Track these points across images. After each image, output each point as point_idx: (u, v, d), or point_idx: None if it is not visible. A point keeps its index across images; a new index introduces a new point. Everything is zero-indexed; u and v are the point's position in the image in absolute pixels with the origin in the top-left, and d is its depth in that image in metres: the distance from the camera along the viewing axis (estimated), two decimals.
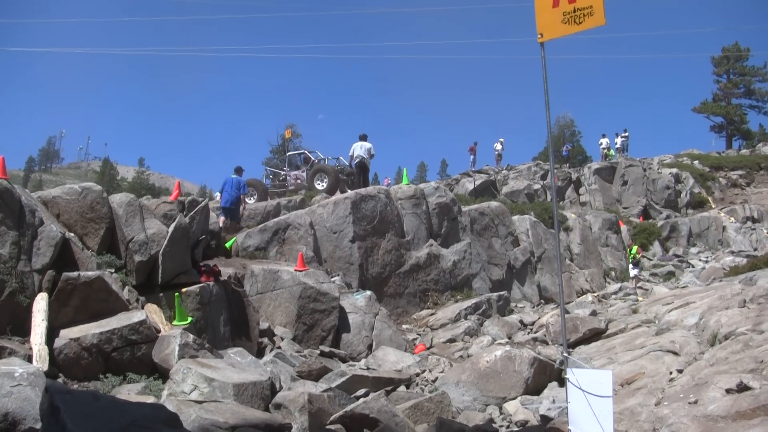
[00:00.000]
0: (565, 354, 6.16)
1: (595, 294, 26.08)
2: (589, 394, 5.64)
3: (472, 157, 48.41)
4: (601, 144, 49.14)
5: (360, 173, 26.71)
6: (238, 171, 22.31)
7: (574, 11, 6.42)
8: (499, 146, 49.96)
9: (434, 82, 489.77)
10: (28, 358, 10.18)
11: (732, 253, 33.15)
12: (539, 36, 6.71)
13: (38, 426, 6.59)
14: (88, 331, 11.33)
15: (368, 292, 18.64)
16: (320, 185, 28.75)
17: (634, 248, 28.43)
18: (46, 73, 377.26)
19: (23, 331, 11.06)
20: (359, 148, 26.45)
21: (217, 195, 28.35)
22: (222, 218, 21.11)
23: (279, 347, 15.17)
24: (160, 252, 13.82)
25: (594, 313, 18.65)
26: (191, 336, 11.95)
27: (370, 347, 16.78)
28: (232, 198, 21.11)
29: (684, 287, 23.71)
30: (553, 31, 6.62)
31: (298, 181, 31.49)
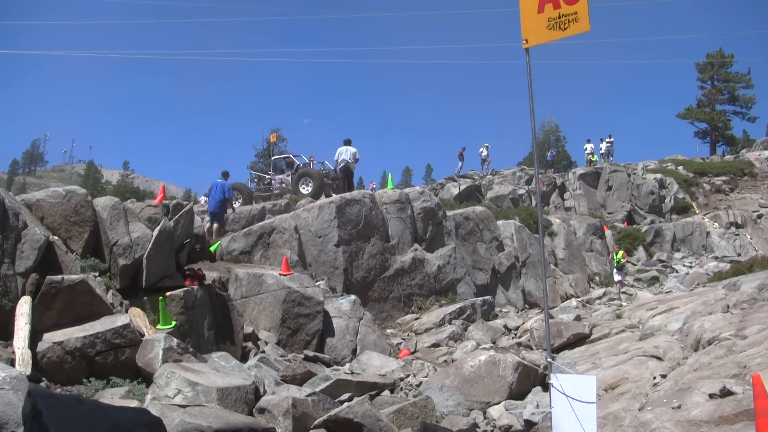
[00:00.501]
0: (549, 359, 6.17)
1: (580, 299, 26.13)
2: (572, 399, 5.65)
3: (460, 163, 48.45)
4: (586, 149, 49.25)
5: (345, 177, 26.79)
6: (225, 175, 22.41)
7: (559, 17, 6.45)
8: (484, 151, 49.96)
9: (419, 86, 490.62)
10: (11, 362, 10.14)
11: (716, 258, 33.27)
12: (524, 42, 6.73)
13: (20, 430, 6.56)
14: (72, 334, 11.29)
15: (353, 297, 18.65)
16: (305, 189, 28.77)
17: (620, 253, 28.42)
18: (30, 75, 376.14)
19: (6, 334, 11.02)
20: (345, 153, 26.56)
21: (202, 199, 28.29)
22: (208, 224, 21.10)
23: (263, 351, 15.15)
24: (145, 255, 13.80)
25: (578, 318, 18.71)
26: (175, 340, 11.93)
27: (354, 352, 16.78)
28: (218, 202, 21.12)
29: (668, 292, 23.79)
30: (538, 37, 6.65)
31: (283, 185, 31.46)
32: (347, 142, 26.82)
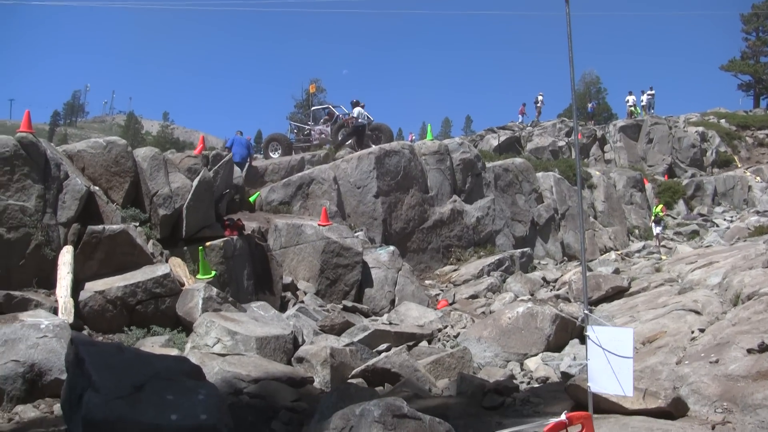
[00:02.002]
0: (586, 311, 6.15)
1: (619, 252, 25.97)
2: (608, 352, 5.63)
3: (521, 117, 48.59)
4: (628, 101, 48.63)
5: (359, 136, 27.12)
6: (240, 133, 23.00)
7: None
8: (540, 98, 49.99)
9: (459, 37, 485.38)
10: (54, 311, 10.33)
11: (757, 212, 32.77)
12: None
13: (63, 377, 6.68)
14: (113, 284, 11.46)
15: (391, 248, 18.71)
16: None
17: (659, 206, 28.19)
18: (70, 26, 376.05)
19: (49, 283, 11.20)
20: (362, 115, 27.15)
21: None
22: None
23: (302, 301, 15.28)
24: (185, 206, 13.93)
25: (617, 271, 18.63)
26: (215, 290, 12.07)
27: (392, 302, 16.86)
28: (243, 155, 21.43)
29: (708, 246, 23.56)
30: None
31: (323, 135, 31.35)
32: (358, 103, 27.30)
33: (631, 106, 47.97)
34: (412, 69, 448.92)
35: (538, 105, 49.73)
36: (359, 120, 27.28)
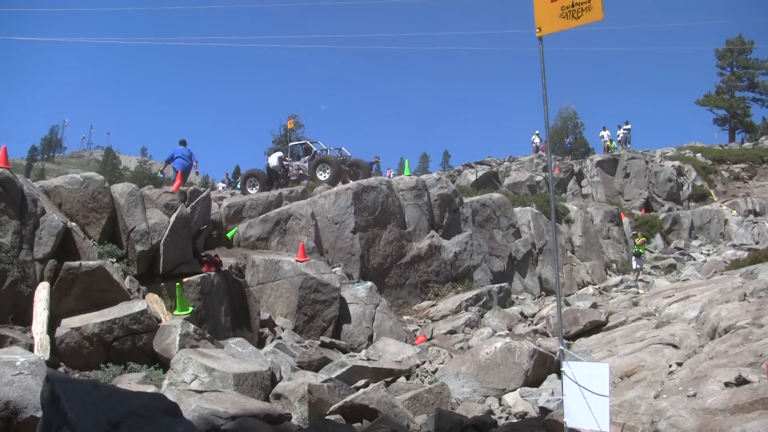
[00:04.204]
0: (561, 347, 6.17)
1: (597, 286, 26.07)
2: (584, 387, 5.65)
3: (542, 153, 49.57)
4: (602, 136, 49.14)
5: (273, 179, 29.90)
6: (184, 143, 23.28)
7: (572, 6, 6.43)
8: (536, 139, 50.67)
9: (436, 72, 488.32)
10: (30, 347, 10.24)
11: (733, 246, 33.09)
12: (537, 30, 6.72)
13: (39, 414, 6.63)
14: (90, 320, 11.40)
15: (369, 283, 18.69)
16: (322, 176, 28.69)
17: (639, 239, 28.38)
18: (48, 61, 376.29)
19: (25, 320, 11.12)
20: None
21: (220, 185, 28.83)
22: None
23: (280, 337, 15.22)
24: (162, 242, 13.87)
25: (595, 306, 18.67)
26: (192, 326, 12.01)
27: (370, 338, 16.82)
28: (186, 165, 21.97)
29: (685, 280, 23.70)
30: (551, 26, 6.63)
31: (300, 171, 31.39)
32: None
33: (606, 141, 48.43)
34: (390, 104, 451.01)
35: (535, 144, 50.50)
36: (270, 165, 30.34)
